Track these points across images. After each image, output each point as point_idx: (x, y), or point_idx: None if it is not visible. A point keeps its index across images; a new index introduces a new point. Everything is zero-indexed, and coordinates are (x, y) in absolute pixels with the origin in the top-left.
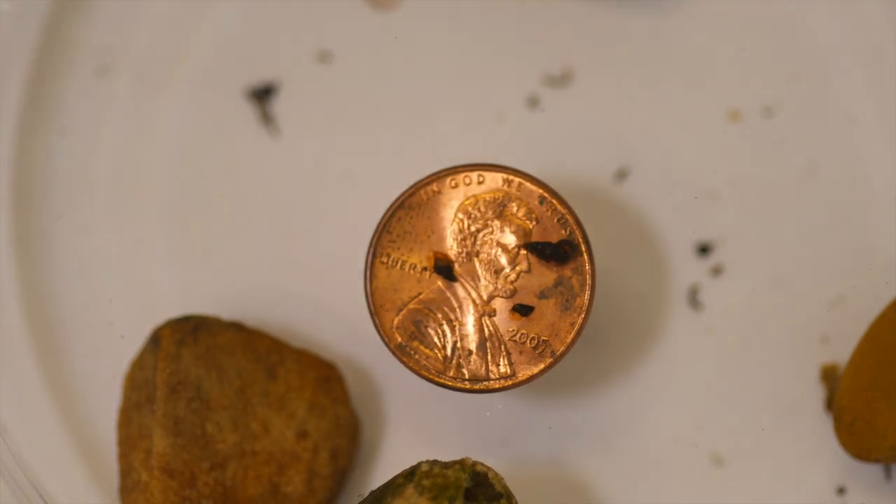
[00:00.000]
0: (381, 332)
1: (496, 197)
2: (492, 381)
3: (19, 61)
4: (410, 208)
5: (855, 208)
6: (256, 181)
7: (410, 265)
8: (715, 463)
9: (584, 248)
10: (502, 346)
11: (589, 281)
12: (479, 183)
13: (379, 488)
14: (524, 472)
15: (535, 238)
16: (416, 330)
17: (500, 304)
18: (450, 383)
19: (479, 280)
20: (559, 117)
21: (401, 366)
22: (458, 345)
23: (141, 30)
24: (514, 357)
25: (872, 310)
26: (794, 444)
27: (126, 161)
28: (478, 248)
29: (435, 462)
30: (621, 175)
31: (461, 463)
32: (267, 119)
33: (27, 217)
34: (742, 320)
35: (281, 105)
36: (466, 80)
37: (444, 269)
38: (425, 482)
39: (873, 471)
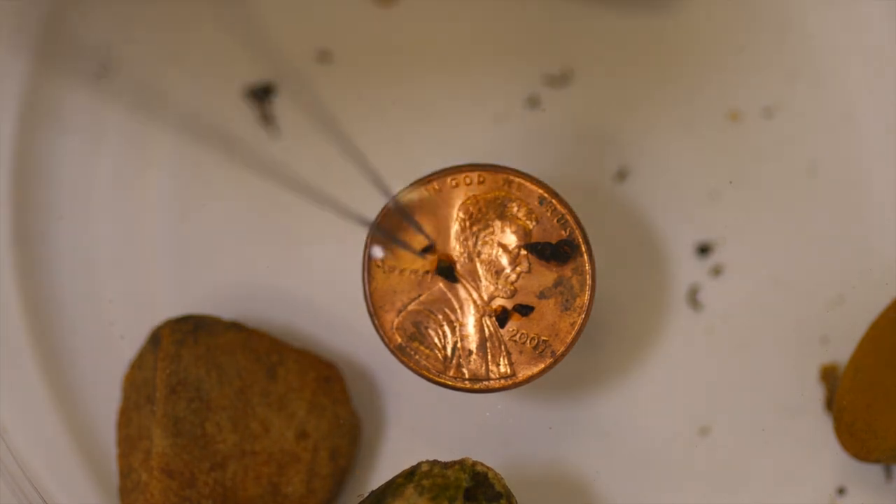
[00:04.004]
0: (381, 333)
1: (497, 197)
2: (492, 381)
3: (19, 61)
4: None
5: (855, 208)
6: (257, 181)
7: (411, 268)
8: (714, 463)
9: (584, 249)
10: (502, 347)
11: (589, 281)
12: (480, 183)
13: (379, 488)
14: (524, 472)
15: (535, 238)
16: (417, 330)
17: (500, 305)
18: (450, 383)
19: (479, 280)
20: (559, 117)
21: (401, 366)
22: (459, 345)
23: (141, 30)
24: (514, 357)
25: (872, 310)
26: (794, 444)
27: (126, 161)
28: (479, 248)
29: (435, 462)
30: (621, 175)
31: (461, 463)
32: (267, 119)
33: (27, 217)
34: (742, 320)
35: (281, 105)
36: (466, 80)
37: (446, 269)
38: (425, 482)
39: (873, 471)
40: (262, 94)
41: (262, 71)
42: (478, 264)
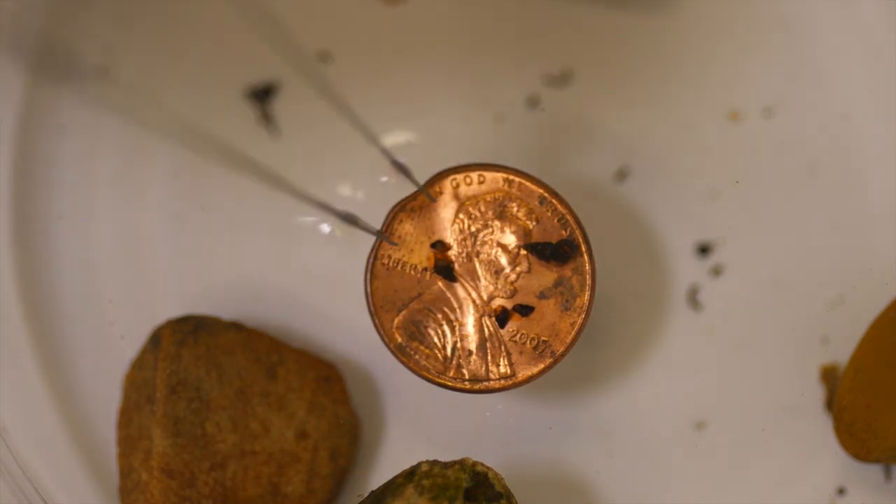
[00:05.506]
0: (382, 333)
1: (496, 197)
2: (492, 382)
3: (19, 61)
4: (412, 210)
5: (855, 208)
6: (256, 181)
7: (411, 266)
8: (714, 463)
9: (584, 249)
10: (502, 347)
11: (589, 281)
12: (480, 183)
13: (379, 488)
14: (524, 472)
15: (535, 238)
16: (417, 330)
17: (500, 305)
18: (450, 384)
19: (479, 280)
20: (559, 117)
21: (401, 366)
22: (459, 345)
23: (141, 30)
24: (514, 357)
25: (872, 310)
26: (794, 444)
27: (126, 161)
28: (478, 248)
29: (435, 462)
30: (621, 175)
31: (461, 463)
32: (267, 119)
33: (27, 217)
34: (742, 320)
35: (281, 105)
36: (467, 81)
37: (445, 269)
38: (425, 482)
39: (873, 471)
40: (262, 94)
41: (262, 71)
42: (477, 264)
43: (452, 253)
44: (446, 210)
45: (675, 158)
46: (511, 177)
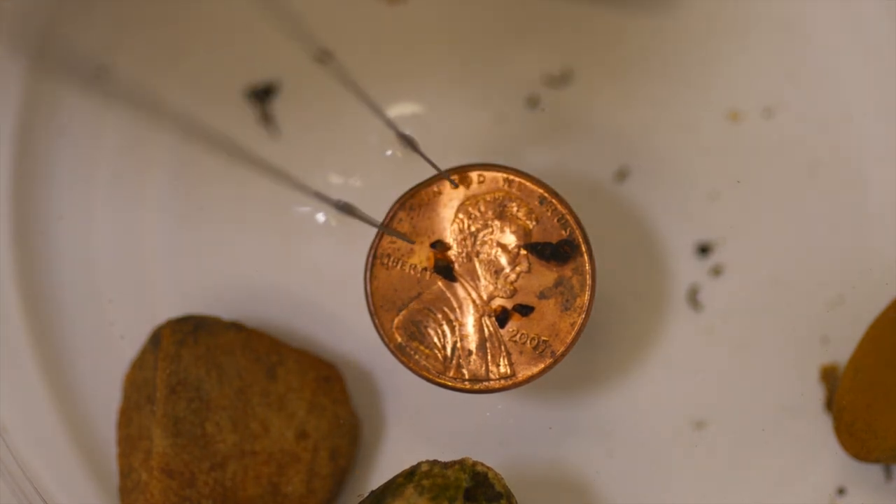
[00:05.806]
0: (381, 332)
1: (496, 197)
2: (492, 382)
3: (19, 61)
4: (411, 209)
5: (855, 208)
6: (256, 181)
7: (411, 265)
8: (714, 462)
9: (584, 249)
10: (502, 347)
11: (589, 281)
12: (480, 183)
13: (379, 488)
14: (524, 472)
15: (535, 238)
16: (417, 330)
17: (500, 305)
18: (450, 383)
19: (479, 280)
20: (559, 117)
21: (401, 366)
22: (458, 345)
23: (140, 30)
24: (514, 357)
25: (872, 310)
26: (794, 444)
27: (126, 161)
28: (478, 248)
29: (435, 462)
30: (621, 175)
31: (461, 463)
32: (267, 119)
33: (27, 217)
34: (742, 320)
35: (281, 105)
36: (466, 81)
37: (445, 269)
38: (425, 482)
39: (873, 471)
40: (262, 94)
41: (262, 71)
42: (476, 264)
43: (452, 253)
44: (446, 210)
45: (675, 158)
46: (511, 177)
